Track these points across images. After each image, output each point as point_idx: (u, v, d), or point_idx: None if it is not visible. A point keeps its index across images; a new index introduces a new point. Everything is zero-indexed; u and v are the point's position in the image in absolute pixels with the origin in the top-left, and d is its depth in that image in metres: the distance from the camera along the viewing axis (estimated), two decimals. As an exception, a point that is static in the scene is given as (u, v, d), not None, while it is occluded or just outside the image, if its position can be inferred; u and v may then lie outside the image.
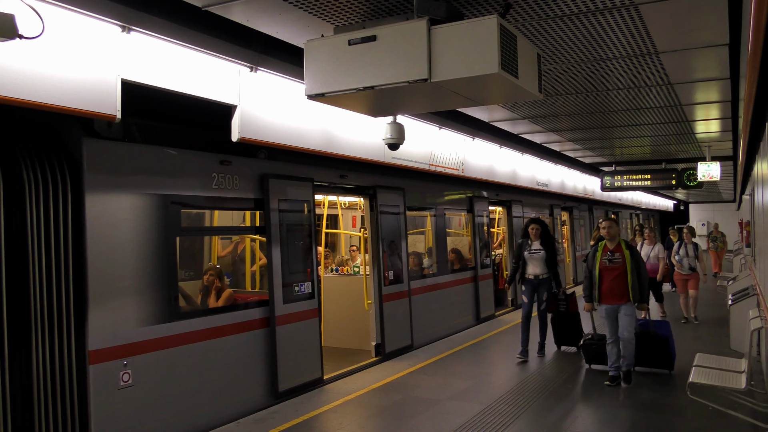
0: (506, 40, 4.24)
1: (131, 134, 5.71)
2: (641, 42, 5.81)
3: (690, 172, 14.75)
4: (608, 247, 7.24)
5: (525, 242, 8.91)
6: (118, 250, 5.28)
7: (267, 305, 6.74)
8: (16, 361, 4.58)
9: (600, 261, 7.21)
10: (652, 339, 7.55)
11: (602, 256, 7.22)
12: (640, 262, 7.18)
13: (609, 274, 7.13)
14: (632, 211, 28.99)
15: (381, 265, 8.84)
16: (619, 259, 7.12)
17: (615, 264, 7.12)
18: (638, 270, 7.08)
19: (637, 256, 7.20)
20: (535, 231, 8.86)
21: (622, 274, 7.06)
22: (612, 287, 7.11)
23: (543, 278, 8.71)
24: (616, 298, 7.09)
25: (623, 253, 7.13)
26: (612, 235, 7.24)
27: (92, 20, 4.46)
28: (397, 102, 5.23)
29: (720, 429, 5.68)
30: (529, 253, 8.77)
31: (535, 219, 9.16)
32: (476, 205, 12.33)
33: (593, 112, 9.26)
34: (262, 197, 6.81)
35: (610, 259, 7.16)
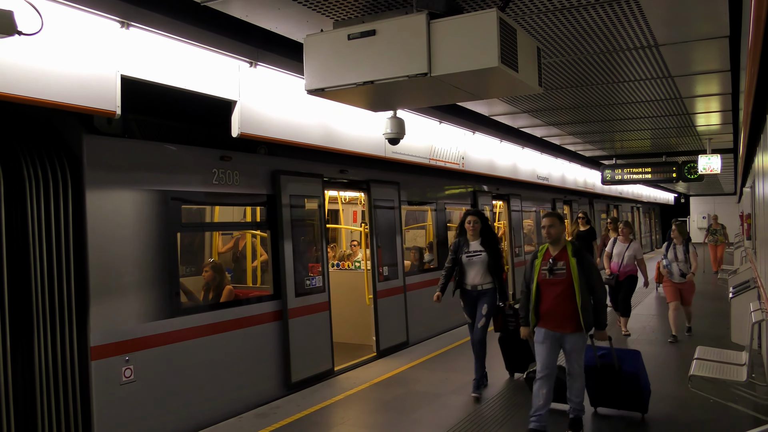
0: (506, 34, 4.23)
1: (131, 130, 5.71)
2: (641, 34, 5.80)
3: (691, 165, 14.74)
4: (550, 252, 5.36)
5: (461, 242, 6.75)
6: (119, 246, 5.29)
7: (279, 299, 6.90)
8: (18, 357, 4.59)
9: (539, 272, 5.33)
10: (616, 376, 5.72)
11: (541, 266, 5.34)
12: (592, 274, 5.26)
13: (550, 290, 5.26)
14: (633, 204, 29.00)
15: (375, 260, 8.72)
16: (562, 270, 5.22)
17: (557, 276, 5.23)
18: (591, 284, 5.23)
19: (587, 266, 5.26)
20: (472, 226, 6.68)
21: (567, 291, 5.18)
22: (553, 308, 5.23)
23: (484, 289, 6.62)
24: (559, 323, 5.22)
25: (568, 263, 5.22)
26: (554, 237, 5.35)
27: (91, 16, 4.46)
28: (397, 96, 5.22)
29: (721, 421, 5.69)
30: (467, 256, 6.65)
31: (472, 210, 6.96)
32: (480, 199, 12.38)
33: (593, 105, 9.25)
34: (273, 193, 6.95)
35: (551, 269, 5.26)
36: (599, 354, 5.79)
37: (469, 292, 6.69)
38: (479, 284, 6.63)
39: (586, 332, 5.23)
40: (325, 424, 5.86)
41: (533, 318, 5.36)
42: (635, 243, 9.60)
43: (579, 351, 5.31)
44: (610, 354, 5.74)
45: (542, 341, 5.31)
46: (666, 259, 9.22)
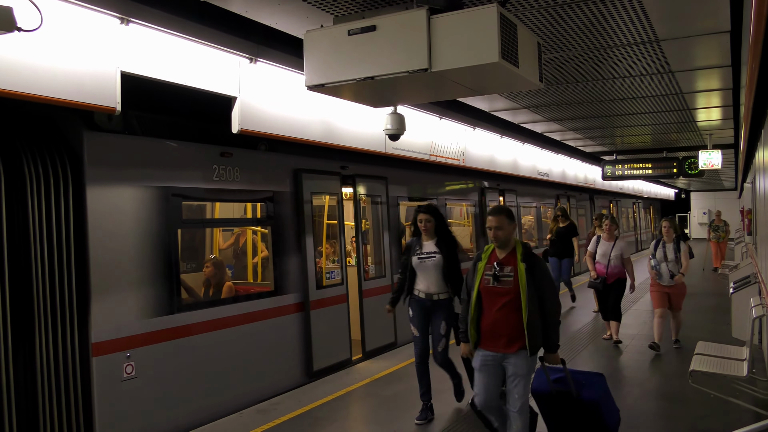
0: (506, 29, 4.22)
1: (131, 127, 5.71)
2: (642, 30, 5.78)
3: (691, 160, 14.73)
4: (496, 255, 4.41)
5: (414, 242, 5.84)
6: (120, 242, 5.30)
7: (301, 292, 7.27)
8: (19, 353, 4.60)
9: (481, 278, 4.38)
10: (574, 405, 4.77)
11: (485, 271, 4.39)
12: (545, 283, 4.32)
13: (493, 301, 4.32)
14: (634, 200, 29.00)
15: (361, 258, 8.59)
16: (509, 277, 4.28)
17: (503, 285, 4.28)
18: (542, 296, 4.28)
19: (540, 273, 4.32)
20: (424, 225, 5.74)
21: (513, 303, 4.24)
22: (496, 323, 4.29)
23: (440, 299, 5.65)
24: (502, 342, 4.28)
25: (517, 269, 4.28)
26: (501, 238, 4.36)
27: (91, 12, 4.44)
28: (398, 92, 5.21)
29: (721, 417, 5.70)
30: (419, 258, 5.69)
31: (424, 207, 5.89)
32: (488, 195, 12.50)
33: (594, 101, 9.24)
34: (293, 190, 7.31)
35: (496, 275, 4.30)
36: (554, 378, 4.80)
37: (422, 301, 5.70)
38: (434, 293, 5.64)
39: (531, 354, 4.25)
40: (325, 420, 5.87)
41: (473, 333, 4.39)
42: (621, 241, 8.76)
43: (522, 378, 4.27)
44: (564, 380, 4.76)
45: (480, 368, 4.37)
46: (654, 259, 8.24)
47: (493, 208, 4.49)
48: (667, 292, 8.12)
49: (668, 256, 8.12)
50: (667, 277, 8.09)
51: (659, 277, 8.13)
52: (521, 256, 4.31)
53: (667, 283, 8.11)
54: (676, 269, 8.09)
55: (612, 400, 5.07)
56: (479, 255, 4.50)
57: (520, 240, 4.46)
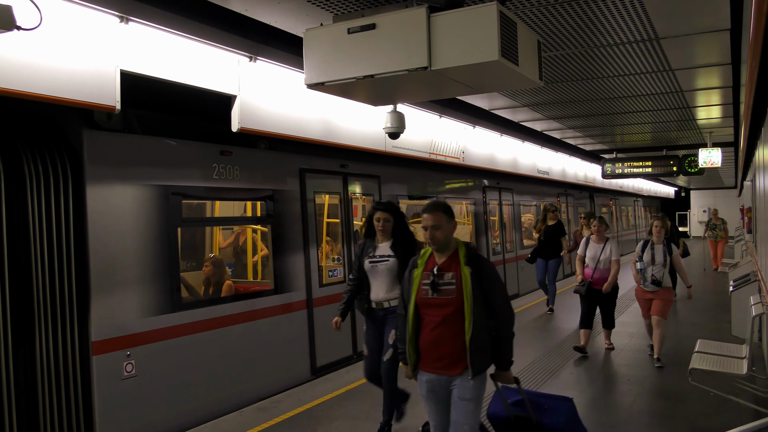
0: (506, 27, 4.22)
1: (131, 125, 5.71)
2: (642, 27, 5.78)
3: (691, 158, 14.73)
4: (435, 260, 3.73)
5: (367, 243, 5.19)
6: (120, 240, 5.30)
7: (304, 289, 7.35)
8: (20, 352, 4.60)
9: (418, 288, 3.70)
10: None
11: (422, 279, 3.70)
12: (495, 289, 3.67)
13: (433, 315, 3.65)
14: (634, 198, 29.01)
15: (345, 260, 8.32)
16: (450, 286, 3.61)
17: (444, 295, 3.61)
18: (491, 305, 3.64)
19: (488, 278, 3.66)
20: (382, 225, 5.08)
21: (456, 317, 3.58)
22: (436, 341, 3.64)
23: (391, 306, 5.00)
24: (445, 362, 3.64)
25: (460, 274, 3.61)
26: (439, 239, 3.68)
27: (90, 11, 4.45)
28: (397, 90, 5.22)
29: (721, 414, 5.70)
30: (371, 262, 5.07)
31: (381, 204, 5.21)
32: (488, 193, 12.54)
33: (594, 99, 9.23)
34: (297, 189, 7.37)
35: (434, 284, 3.63)
36: (512, 402, 4.09)
37: (374, 312, 5.10)
38: (384, 300, 4.99)
39: (474, 375, 3.56)
40: (326, 418, 5.88)
41: (411, 354, 3.72)
42: (612, 242, 8.03)
43: (469, 403, 3.60)
44: (522, 404, 4.06)
45: (427, 395, 3.76)
46: (640, 262, 7.48)
47: (428, 204, 3.78)
48: (651, 298, 7.45)
49: (656, 259, 7.40)
50: (649, 281, 7.38)
51: (644, 282, 7.45)
52: (464, 259, 3.64)
53: (650, 289, 7.41)
54: (661, 274, 7.36)
55: (581, 428, 4.29)
56: (414, 261, 3.82)
57: (462, 240, 3.80)
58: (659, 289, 7.36)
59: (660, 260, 7.37)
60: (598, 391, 6.59)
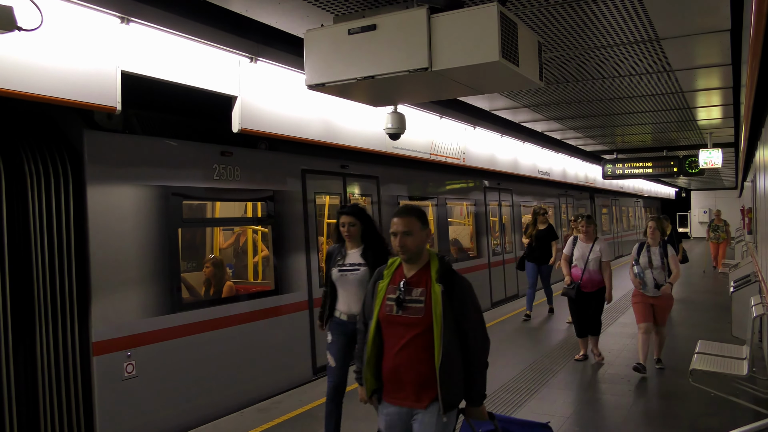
0: (506, 28, 4.22)
1: (132, 126, 5.72)
2: (642, 28, 5.78)
3: (691, 159, 14.73)
4: (403, 272, 3.25)
5: (336, 250, 4.88)
6: (121, 241, 5.30)
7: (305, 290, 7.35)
8: (20, 353, 4.61)
9: (382, 302, 3.22)
10: None
11: (387, 294, 3.23)
12: (468, 311, 3.15)
13: (396, 336, 3.16)
14: (635, 198, 29.00)
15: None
16: (419, 304, 3.13)
17: (410, 313, 3.13)
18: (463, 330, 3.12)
19: (462, 298, 3.14)
20: (347, 230, 4.75)
21: (423, 339, 3.09)
22: (399, 366, 3.14)
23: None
24: (408, 391, 3.13)
25: (429, 290, 3.13)
26: (410, 248, 3.17)
27: (91, 12, 4.45)
28: (398, 91, 5.22)
29: (722, 415, 5.70)
30: (340, 271, 4.74)
31: (347, 208, 4.91)
32: (488, 194, 12.56)
33: (594, 99, 9.24)
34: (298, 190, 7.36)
35: (400, 300, 3.15)
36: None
37: (343, 324, 4.72)
38: (357, 314, 4.11)
39: (446, 411, 3.07)
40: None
41: (369, 378, 3.22)
42: (601, 242, 7.62)
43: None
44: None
45: (387, 429, 3.22)
46: (637, 266, 7.15)
47: (399, 208, 3.32)
48: (652, 303, 7.10)
49: (653, 262, 7.09)
50: (651, 286, 7.05)
51: (643, 286, 7.09)
52: (437, 274, 3.15)
53: (652, 294, 7.06)
54: (663, 278, 7.08)
55: None
56: (380, 271, 3.35)
57: (437, 253, 3.31)
58: (661, 295, 7.08)
59: (658, 263, 7.08)
60: (598, 391, 6.59)
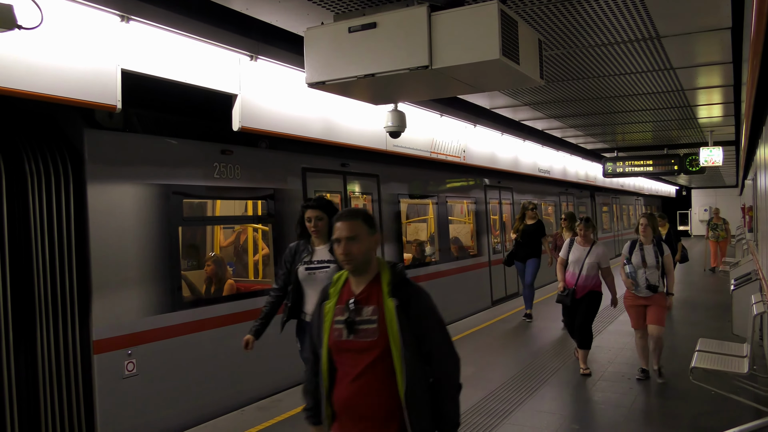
0: (507, 26, 4.22)
1: (132, 124, 5.71)
2: (643, 26, 5.78)
3: (692, 157, 14.72)
4: (351, 289, 2.76)
5: (300, 246, 4.57)
6: (121, 240, 5.30)
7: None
8: (21, 351, 4.61)
9: (330, 329, 2.72)
10: None
11: (335, 315, 2.72)
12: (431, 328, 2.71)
13: (350, 364, 2.69)
14: (635, 197, 28.98)
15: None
16: (371, 324, 2.66)
17: (362, 337, 2.66)
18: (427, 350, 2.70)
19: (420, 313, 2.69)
20: (314, 224, 4.44)
21: (381, 366, 2.65)
22: (355, 398, 2.68)
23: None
24: (366, 424, 2.68)
25: (382, 307, 2.67)
26: (356, 257, 2.69)
27: (91, 10, 4.45)
28: (398, 89, 5.21)
29: (722, 413, 5.70)
30: (307, 269, 4.46)
31: (313, 201, 4.56)
32: (488, 192, 12.56)
33: (595, 97, 9.23)
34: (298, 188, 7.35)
35: (350, 321, 2.67)
36: None
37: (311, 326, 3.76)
38: None
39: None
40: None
41: (328, 410, 2.74)
42: (599, 246, 7.14)
43: None
44: None
45: None
46: (629, 265, 6.72)
47: (342, 211, 2.82)
48: (645, 304, 6.67)
49: (647, 261, 6.65)
50: (643, 286, 6.62)
51: (635, 287, 6.67)
52: (389, 286, 2.67)
53: (644, 294, 6.63)
54: (656, 278, 6.64)
55: None
56: (325, 290, 2.81)
57: (387, 261, 2.80)
58: (654, 295, 6.61)
59: (652, 262, 6.64)
60: (598, 390, 6.59)
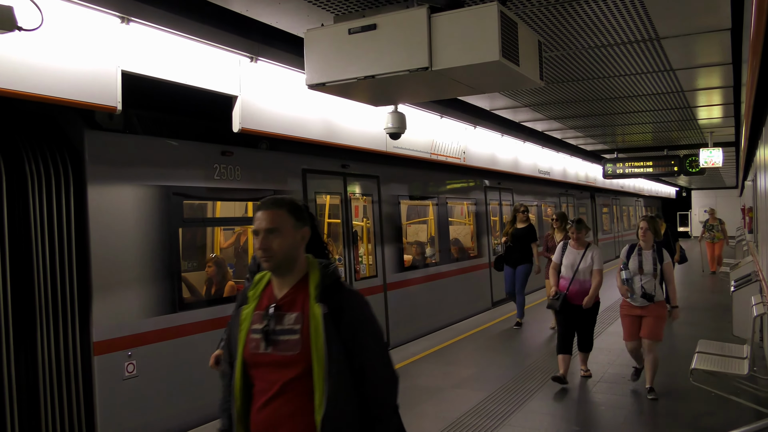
0: (507, 27, 4.22)
1: (132, 125, 5.72)
2: (642, 27, 5.78)
3: (692, 158, 14.73)
4: (273, 293, 2.35)
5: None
6: (121, 241, 5.30)
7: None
8: (21, 352, 4.60)
9: (246, 338, 2.30)
10: None
11: (252, 323, 2.31)
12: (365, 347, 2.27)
13: (265, 379, 2.27)
14: (635, 198, 28.98)
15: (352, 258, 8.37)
16: (293, 335, 2.24)
17: (282, 350, 2.24)
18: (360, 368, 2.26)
19: (353, 324, 2.26)
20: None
21: (302, 384, 2.22)
22: (271, 421, 2.24)
23: None
24: None
25: (308, 315, 2.24)
26: (276, 254, 2.28)
27: (91, 11, 4.45)
28: (398, 91, 5.22)
29: (723, 415, 5.70)
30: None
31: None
32: (489, 194, 12.60)
33: (595, 99, 9.23)
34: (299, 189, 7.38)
35: (268, 331, 2.25)
36: None
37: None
38: None
39: None
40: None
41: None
42: (594, 249, 6.74)
43: None
44: None
45: None
46: (626, 271, 6.26)
47: (265, 199, 2.39)
48: (640, 315, 6.23)
49: (644, 268, 6.20)
50: (638, 295, 6.19)
51: (631, 294, 6.24)
52: (317, 290, 2.28)
53: (639, 304, 6.20)
54: (652, 286, 6.18)
55: None
56: (244, 293, 2.44)
57: (319, 260, 2.41)
58: (650, 305, 6.17)
59: (649, 269, 6.20)
60: (598, 391, 6.58)
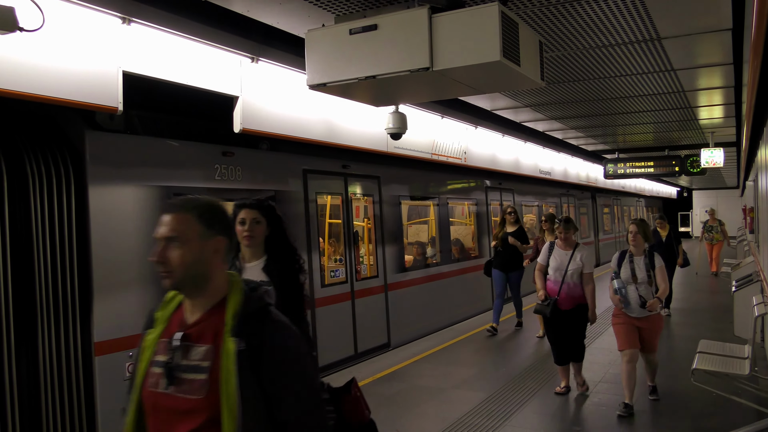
0: (508, 28, 4.22)
1: (133, 126, 5.72)
2: (643, 27, 5.78)
3: (693, 158, 14.71)
4: (183, 316, 1.99)
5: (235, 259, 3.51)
6: (122, 241, 5.30)
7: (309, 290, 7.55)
8: (22, 353, 4.61)
9: (147, 369, 2.03)
10: None
11: (155, 354, 2.00)
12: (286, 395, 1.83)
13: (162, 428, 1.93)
14: (636, 198, 28.96)
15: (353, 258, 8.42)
16: (199, 374, 1.85)
17: (185, 392, 1.86)
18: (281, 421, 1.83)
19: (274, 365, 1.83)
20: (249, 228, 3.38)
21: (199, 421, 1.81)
22: None
23: None
24: None
25: (219, 351, 1.83)
26: (177, 271, 1.87)
27: (92, 12, 4.45)
28: (399, 91, 5.22)
29: (724, 415, 5.70)
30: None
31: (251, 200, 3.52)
32: (489, 194, 12.63)
33: (596, 99, 9.23)
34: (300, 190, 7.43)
35: (171, 366, 1.90)
36: None
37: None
38: None
39: None
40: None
41: None
42: (582, 250, 6.29)
43: None
44: None
45: None
46: (618, 280, 5.78)
47: (173, 201, 2.01)
48: (638, 326, 5.82)
49: (638, 276, 5.81)
50: (636, 305, 5.77)
51: (626, 305, 5.79)
52: (234, 321, 1.89)
53: (637, 314, 5.79)
54: (650, 294, 5.80)
55: None
56: (151, 315, 2.14)
57: (245, 279, 2.06)
58: (650, 315, 5.80)
59: (643, 277, 5.82)
60: (599, 391, 6.58)
